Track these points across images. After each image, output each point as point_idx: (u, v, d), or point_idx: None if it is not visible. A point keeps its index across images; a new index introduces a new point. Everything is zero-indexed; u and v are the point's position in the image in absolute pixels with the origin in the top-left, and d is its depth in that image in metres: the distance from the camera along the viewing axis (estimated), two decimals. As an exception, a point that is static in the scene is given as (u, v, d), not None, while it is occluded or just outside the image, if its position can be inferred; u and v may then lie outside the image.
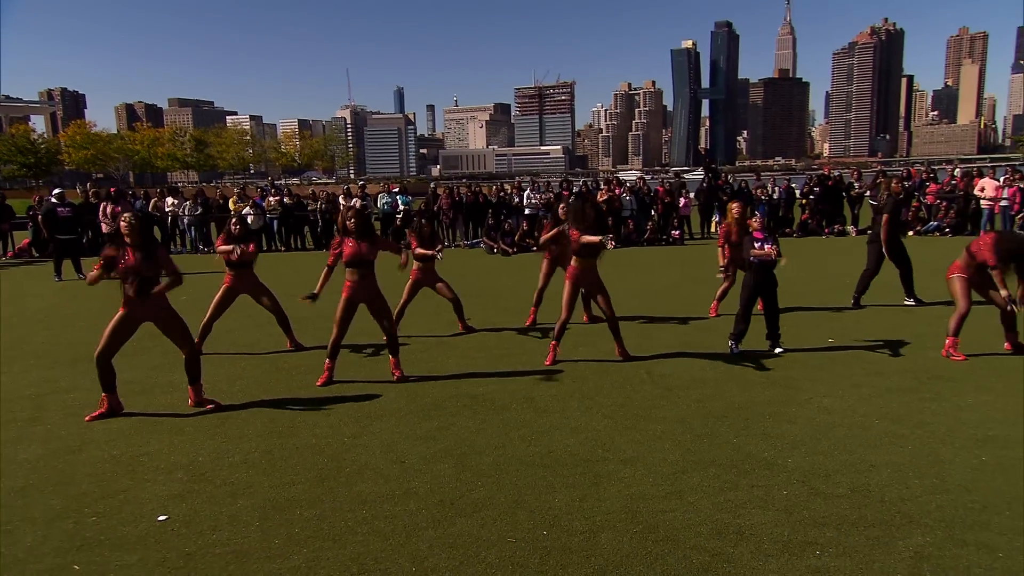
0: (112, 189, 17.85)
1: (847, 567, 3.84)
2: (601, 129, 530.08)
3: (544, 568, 3.90)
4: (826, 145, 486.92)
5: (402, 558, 4.02)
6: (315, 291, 7.46)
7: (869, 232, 11.32)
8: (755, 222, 8.48)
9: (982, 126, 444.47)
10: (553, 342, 8.12)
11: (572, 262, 7.93)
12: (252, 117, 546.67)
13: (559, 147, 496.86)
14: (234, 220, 9.03)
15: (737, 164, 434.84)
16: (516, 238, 20.22)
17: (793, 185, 23.07)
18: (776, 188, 22.82)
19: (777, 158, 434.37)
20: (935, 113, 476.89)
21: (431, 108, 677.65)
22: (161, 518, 4.60)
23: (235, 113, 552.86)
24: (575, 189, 22.21)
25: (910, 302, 10.84)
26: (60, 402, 7.19)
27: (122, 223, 6.69)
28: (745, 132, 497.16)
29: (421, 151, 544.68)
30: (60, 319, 11.93)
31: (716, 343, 8.71)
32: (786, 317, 8.87)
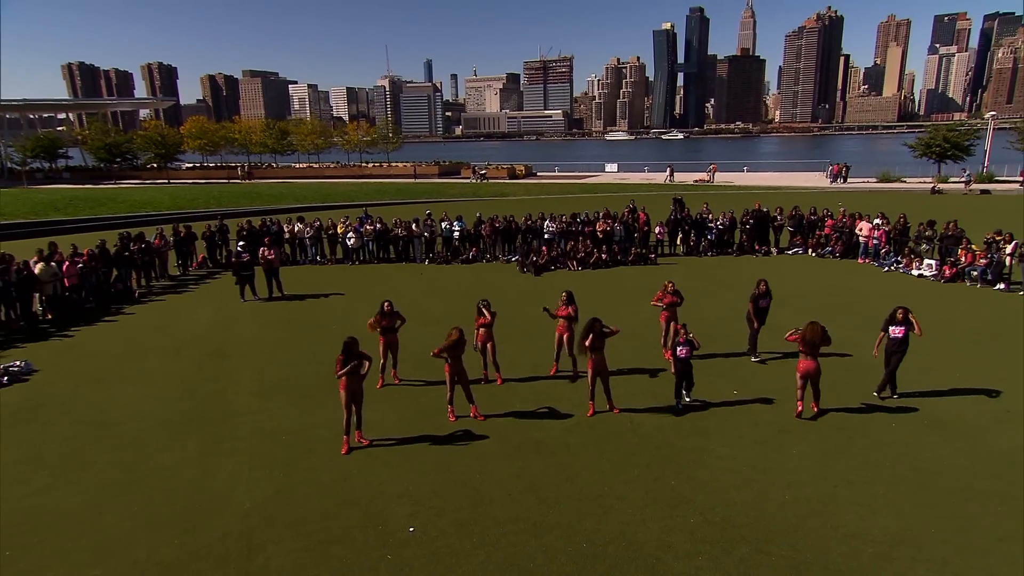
0: (267, 239, 20.98)
1: (707, 564, 7.27)
2: (594, 96, 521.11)
3: (584, 564, 7.33)
4: (778, 112, 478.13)
5: (524, 559, 7.49)
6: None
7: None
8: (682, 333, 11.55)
9: (902, 98, 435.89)
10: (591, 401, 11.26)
11: (590, 357, 10.96)
12: (309, 85, 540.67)
13: (559, 111, 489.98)
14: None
15: (705, 127, 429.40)
16: (539, 261, 23.32)
17: (735, 215, 25.86)
18: (723, 217, 25.79)
19: (737, 123, 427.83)
20: (865, 87, 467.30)
21: (454, 77, 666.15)
22: (411, 529, 8.10)
23: (296, 82, 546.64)
24: (580, 218, 25.22)
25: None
26: (317, 437, 10.38)
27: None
28: (712, 100, 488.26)
29: (447, 114, 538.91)
30: (271, 350, 14.81)
31: (666, 390, 11.84)
32: (714, 363, 12.21)
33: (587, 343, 10.84)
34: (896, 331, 11.16)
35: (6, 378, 12.74)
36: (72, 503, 8.68)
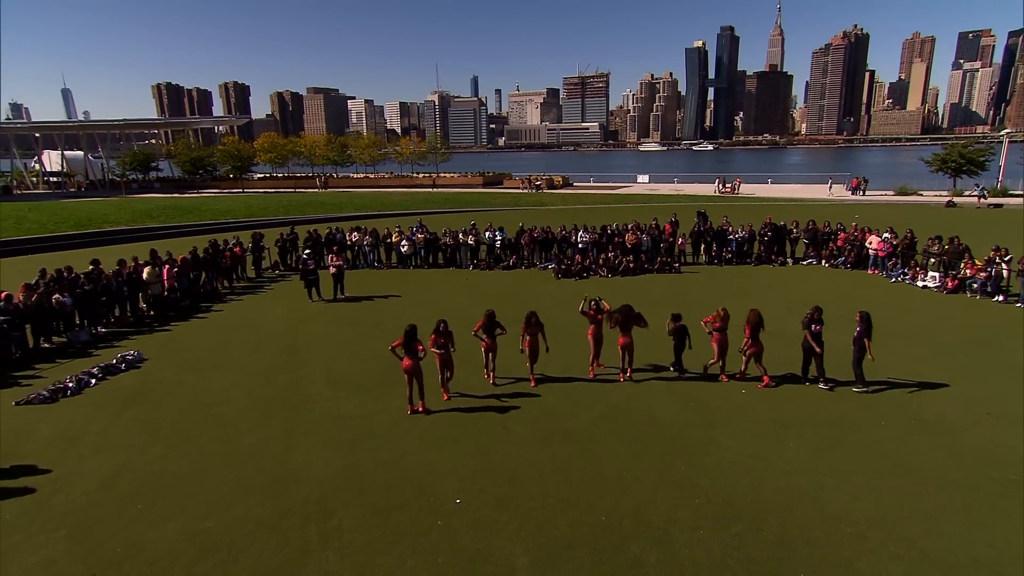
0: (335, 247, 22.19)
1: (707, 537, 7.96)
2: (629, 110, 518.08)
3: (602, 534, 8.06)
4: (804, 125, 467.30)
5: (552, 528, 8.26)
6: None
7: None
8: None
9: (926, 112, 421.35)
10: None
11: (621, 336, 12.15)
12: (366, 101, 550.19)
13: (596, 124, 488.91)
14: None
15: (734, 139, 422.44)
16: (573, 268, 24.05)
17: (754, 228, 26.14)
18: (742, 230, 26.09)
19: (765, 135, 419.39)
20: (890, 101, 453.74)
21: (498, 92, 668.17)
22: (458, 501, 8.97)
23: (354, 98, 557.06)
24: (609, 230, 25.82)
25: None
26: (378, 422, 11.31)
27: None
28: (741, 113, 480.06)
29: (491, 126, 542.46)
30: (337, 346, 15.80)
31: (683, 388, 12.55)
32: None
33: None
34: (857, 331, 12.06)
35: (124, 365, 14.12)
36: (183, 469, 9.82)
